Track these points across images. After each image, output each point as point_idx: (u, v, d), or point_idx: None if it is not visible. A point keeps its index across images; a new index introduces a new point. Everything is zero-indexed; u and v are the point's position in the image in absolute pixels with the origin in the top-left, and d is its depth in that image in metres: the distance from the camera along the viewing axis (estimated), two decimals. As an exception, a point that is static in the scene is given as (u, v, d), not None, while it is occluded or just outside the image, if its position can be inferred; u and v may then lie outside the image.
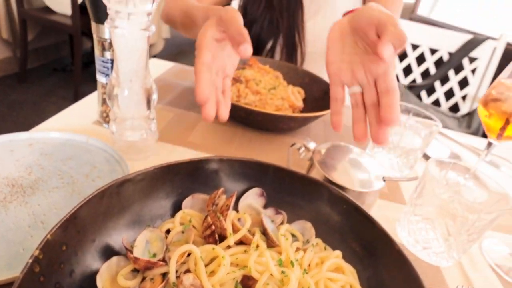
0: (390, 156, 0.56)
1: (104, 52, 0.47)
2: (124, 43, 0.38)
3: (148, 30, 0.38)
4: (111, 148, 0.45)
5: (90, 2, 0.43)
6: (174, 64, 0.82)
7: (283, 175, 0.39)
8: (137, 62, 0.40)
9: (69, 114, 0.55)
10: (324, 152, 0.47)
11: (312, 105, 0.68)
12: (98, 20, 0.44)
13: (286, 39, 0.81)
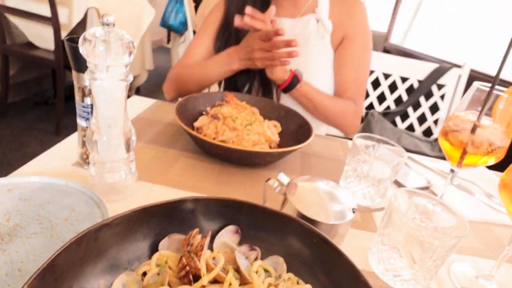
0: (362, 186, 0.59)
1: (85, 98, 0.49)
2: (103, 93, 0.40)
3: (126, 80, 0.41)
4: (91, 190, 0.46)
5: (71, 53, 0.46)
6: (155, 101, 0.85)
7: (256, 212, 0.41)
8: (115, 110, 0.42)
9: (49, 156, 0.56)
10: (297, 186, 0.49)
11: (288, 138, 0.71)
12: (79, 70, 0.47)
13: (261, 80, 0.86)
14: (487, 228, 0.62)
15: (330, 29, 0.87)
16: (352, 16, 0.88)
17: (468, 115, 0.53)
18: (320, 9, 0.87)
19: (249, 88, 0.88)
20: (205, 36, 0.91)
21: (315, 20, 0.88)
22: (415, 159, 0.83)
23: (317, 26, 0.88)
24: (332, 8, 0.88)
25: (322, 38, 0.88)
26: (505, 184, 0.42)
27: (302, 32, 0.88)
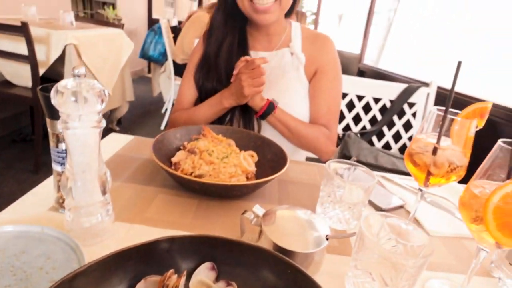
0: (337, 210, 0.61)
1: (59, 143, 0.50)
2: (76, 140, 0.42)
3: (99, 126, 0.42)
4: (67, 235, 0.46)
5: (44, 102, 0.47)
6: (133, 138, 0.86)
7: (232, 247, 0.42)
8: (89, 155, 0.43)
9: (24, 203, 0.56)
10: (273, 216, 0.51)
11: (265, 167, 0.73)
12: (52, 117, 0.48)
13: (242, 111, 0.91)
14: (460, 243, 0.64)
15: (303, 61, 0.94)
16: (324, 52, 0.95)
17: (428, 137, 0.57)
18: (294, 43, 0.94)
19: (230, 117, 0.93)
20: (192, 79, 0.97)
21: (289, 53, 0.95)
22: (389, 178, 0.86)
23: (291, 59, 0.95)
24: (304, 43, 0.96)
25: (297, 69, 0.94)
26: (463, 203, 0.45)
27: (278, 64, 0.94)
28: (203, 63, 0.95)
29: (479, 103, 0.54)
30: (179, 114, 0.96)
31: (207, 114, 0.91)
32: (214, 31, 0.92)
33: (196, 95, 0.98)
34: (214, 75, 0.92)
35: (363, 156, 1.25)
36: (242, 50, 0.91)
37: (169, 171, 0.59)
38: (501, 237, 0.41)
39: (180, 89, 1.00)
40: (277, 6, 0.84)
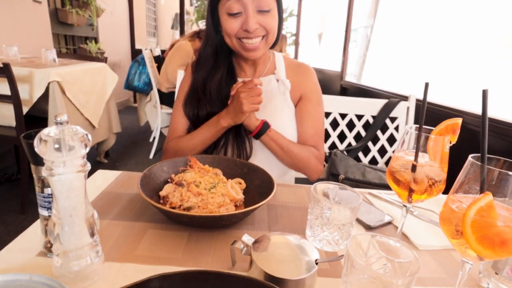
0: (325, 233, 0.62)
1: (45, 188, 0.50)
2: (61, 185, 0.42)
3: (84, 170, 0.43)
4: (56, 281, 0.46)
5: (28, 149, 0.48)
6: (120, 173, 0.86)
7: (223, 280, 0.42)
8: (75, 199, 0.44)
9: (12, 249, 0.55)
10: (263, 244, 0.51)
11: (254, 193, 0.74)
12: (36, 163, 0.48)
13: (235, 136, 0.95)
14: (449, 255, 0.65)
15: (289, 86, 1.00)
16: (307, 80, 1.04)
17: (407, 155, 0.59)
18: (278, 71, 1.01)
19: (225, 141, 0.96)
20: (182, 109, 1.01)
21: (275, 79, 1.01)
22: (376, 194, 0.88)
23: (277, 85, 1.01)
24: (287, 71, 1.03)
25: (283, 94, 1.00)
26: (443, 218, 0.47)
27: (265, 89, 0.99)
28: (192, 94, 0.98)
29: (449, 120, 0.57)
30: (176, 141, 0.98)
31: (206, 136, 0.93)
32: (202, 65, 0.96)
33: (188, 123, 1.01)
34: (205, 104, 0.96)
35: (350, 173, 1.27)
36: (231, 79, 0.96)
37: (157, 206, 0.60)
38: (481, 249, 0.43)
39: (173, 118, 1.02)
40: (264, 43, 0.89)
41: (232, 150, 0.96)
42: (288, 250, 0.51)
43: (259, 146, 0.97)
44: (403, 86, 5.53)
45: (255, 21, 0.84)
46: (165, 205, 0.66)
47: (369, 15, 8.64)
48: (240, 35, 0.87)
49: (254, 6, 0.84)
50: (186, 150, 0.94)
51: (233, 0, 0.83)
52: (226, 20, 0.87)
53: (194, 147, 0.94)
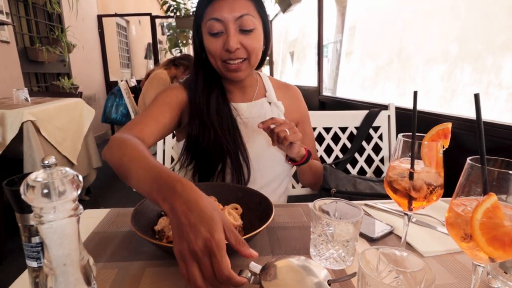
0: (331, 250, 0.60)
1: (32, 237, 0.47)
2: (53, 233, 0.39)
3: (76, 214, 0.40)
4: None
5: (12, 196, 0.44)
6: (108, 211, 0.82)
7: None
8: (69, 246, 0.40)
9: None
10: (271, 271, 0.49)
11: (251, 217, 0.72)
12: (22, 211, 0.45)
13: (232, 160, 0.91)
14: (454, 259, 0.65)
15: (283, 109, 1.01)
16: (299, 103, 1.08)
17: (402, 163, 0.59)
18: (269, 93, 1.01)
19: (222, 167, 0.92)
20: (162, 113, 0.88)
21: (267, 102, 1.00)
22: (372, 205, 0.88)
23: (270, 107, 1.00)
24: (277, 93, 1.03)
25: (279, 116, 1.00)
26: (450, 223, 0.46)
27: (258, 113, 0.97)
28: (195, 114, 0.91)
29: (439, 125, 0.58)
30: (137, 142, 0.70)
31: (141, 180, 0.57)
32: (197, 87, 0.92)
33: (158, 135, 0.87)
34: (209, 127, 0.90)
35: (342, 186, 1.27)
36: (224, 103, 0.93)
37: (154, 242, 0.57)
38: (493, 251, 0.42)
39: (143, 117, 0.85)
40: (247, 64, 0.87)
41: (230, 176, 0.92)
42: (298, 274, 0.49)
43: (257, 170, 0.96)
44: (378, 95, 5.69)
45: (236, 40, 0.82)
46: (162, 240, 0.63)
47: (337, 31, 8.97)
48: (224, 57, 0.85)
49: (236, 26, 0.82)
50: (124, 165, 0.64)
51: (213, 20, 0.82)
52: (208, 40, 0.85)
53: (126, 175, 0.63)
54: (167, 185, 0.51)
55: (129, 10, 7.31)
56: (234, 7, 0.81)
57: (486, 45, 4.29)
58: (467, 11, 4.53)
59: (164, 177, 0.53)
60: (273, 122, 0.83)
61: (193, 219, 0.46)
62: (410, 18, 5.68)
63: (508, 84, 4.02)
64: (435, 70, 5.16)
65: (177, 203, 0.48)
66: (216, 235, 0.45)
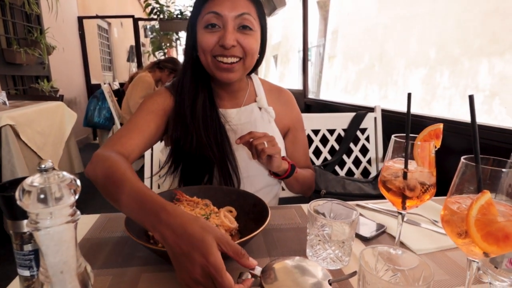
0: (328, 251, 0.61)
1: (24, 245, 0.45)
2: (50, 240, 0.38)
3: (74, 220, 0.39)
4: None
5: (3, 202, 0.43)
6: (99, 216, 0.80)
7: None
8: (66, 253, 0.39)
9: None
10: (272, 273, 0.49)
11: (246, 219, 0.72)
12: (14, 218, 0.43)
13: (220, 170, 0.87)
14: (445, 256, 0.67)
15: (273, 114, 0.98)
16: (291, 109, 1.04)
17: (396, 163, 0.60)
18: (260, 98, 0.97)
19: (209, 177, 0.89)
20: (147, 122, 0.85)
21: (257, 108, 0.96)
22: (363, 205, 0.89)
23: (260, 113, 0.96)
24: (268, 97, 0.99)
25: (269, 122, 0.97)
26: (446, 220, 0.48)
27: (248, 119, 0.94)
28: (178, 119, 0.87)
29: (431, 126, 0.59)
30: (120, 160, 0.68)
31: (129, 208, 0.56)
32: (184, 90, 0.88)
33: (144, 147, 0.84)
34: (192, 132, 0.86)
35: (331, 187, 1.28)
36: (212, 108, 0.89)
37: (150, 247, 0.56)
38: (487, 246, 0.44)
39: (126, 130, 0.81)
40: (241, 65, 0.83)
41: (218, 185, 0.89)
42: (299, 275, 0.49)
43: (246, 177, 0.93)
44: (360, 98, 5.78)
45: (233, 37, 0.79)
46: (157, 244, 0.62)
47: (319, 35, 9.10)
48: (216, 52, 0.80)
49: (235, 23, 0.80)
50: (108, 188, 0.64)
51: (212, 14, 0.79)
52: (203, 34, 0.81)
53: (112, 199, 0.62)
54: (153, 213, 0.51)
55: (111, 12, 7.18)
56: (236, 5, 0.79)
57: (463, 49, 4.45)
58: (444, 17, 4.70)
59: (149, 203, 0.53)
60: (251, 137, 0.80)
61: (185, 247, 0.46)
62: (391, 23, 5.83)
63: (484, 87, 4.17)
64: (416, 73, 5.31)
65: (166, 233, 0.48)
66: (211, 258, 0.45)
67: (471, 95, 0.42)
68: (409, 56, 5.43)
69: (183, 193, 0.74)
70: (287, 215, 0.82)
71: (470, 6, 4.29)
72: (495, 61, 3.98)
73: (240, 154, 0.92)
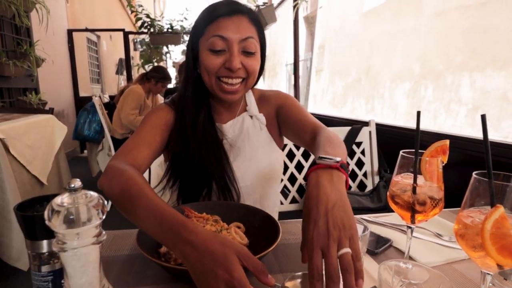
0: (341, 266, 0.61)
1: (42, 266, 0.44)
2: (77, 260, 0.37)
3: (99, 241, 0.39)
4: None
5: (24, 222, 0.42)
6: (104, 233, 0.78)
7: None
8: (91, 273, 0.39)
9: None
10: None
11: (256, 235, 0.72)
12: (34, 238, 0.43)
13: (219, 183, 0.88)
14: (452, 268, 0.68)
15: (264, 121, 0.98)
16: (275, 101, 0.99)
17: (404, 179, 0.62)
18: (250, 107, 0.98)
19: (208, 191, 0.89)
20: (153, 136, 0.86)
21: (248, 116, 0.98)
22: (366, 219, 0.90)
23: (252, 121, 0.97)
24: (259, 105, 1.00)
25: (260, 129, 0.98)
26: (460, 234, 0.49)
27: (241, 129, 0.96)
28: (180, 134, 0.88)
29: (438, 142, 0.62)
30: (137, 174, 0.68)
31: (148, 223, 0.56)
32: (185, 106, 0.89)
33: (151, 159, 0.85)
34: (193, 148, 0.87)
35: (330, 200, 1.29)
36: (210, 123, 0.90)
37: (164, 265, 0.55)
38: (502, 259, 0.45)
39: (134, 141, 0.83)
40: (243, 86, 0.86)
41: (217, 199, 0.90)
42: None
43: (246, 191, 0.93)
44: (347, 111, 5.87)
45: (239, 60, 0.81)
46: (170, 262, 0.61)
47: (306, 49, 9.26)
48: (221, 74, 0.83)
49: (240, 46, 0.82)
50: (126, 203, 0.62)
51: (217, 37, 0.80)
52: (208, 56, 0.82)
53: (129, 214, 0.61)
54: (173, 230, 0.51)
55: (100, 25, 7.16)
56: (240, 28, 0.81)
57: (446, 64, 4.61)
58: (427, 33, 4.88)
59: (169, 220, 0.53)
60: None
61: (208, 264, 0.46)
62: (376, 39, 6.01)
63: (467, 101, 4.32)
64: (401, 87, 5.46)
65: (187, 251, 0.48)
66: (235, 273, 0.45)
67: (483, 114, 0.44)
68: (394, 70, 5.59)
69: (191, 210, 0.73)
70: (292, 230, 0.83)
71: (450, 24, 4.47)
72: (477, 76, 4.14)
73: (237, 166, 0.93)
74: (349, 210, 0.51)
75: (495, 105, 3.76)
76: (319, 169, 0.57)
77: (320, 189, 0.53)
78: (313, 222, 0.50)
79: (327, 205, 0.51)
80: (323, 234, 0.48)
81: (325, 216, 0.49)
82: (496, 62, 3.83)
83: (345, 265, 0.45)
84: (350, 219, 0.50)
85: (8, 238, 1.82)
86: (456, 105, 4.48)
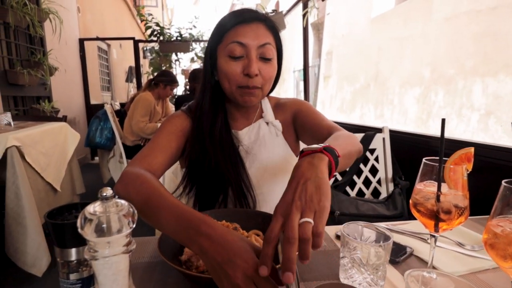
0: (365, 275, 0.60)
1: (71, 274, 0.44)
2: (108, 269, 0.37)
3: (129, 250, 0.39)
4: None
5: (55, 230, 0.42)
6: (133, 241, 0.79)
7: None
8: (122, 282, 0.39)
9: None
10: (314, 299, 0.49)
11: (275, 243, 0.71)
12: (64, 246, 0.43)
13: (235, 190, 0.88)
14: (476, 278, 0.67)
15: (280, 127, 0.98)
16: (291, 108, 1.00)
17: (427, 186, 0.61)
18: (266, 114, 0.99)
19: (223, 197, 0.89)
20: (169, 142, 0.87)
21: (264, 123, 0.99)
22: (384, 227, 0.89)
23: (268, 128, 0.98)
24: (275, 112, 1.01)
25: (276, 135, 0.99)
26: (489, 244, 0.48)
27: (257, 135, 0.97)
28: (197, 140, 0.89)
29: (462, 150, 0.61)
30: (152, 178, 0.70)
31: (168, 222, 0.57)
32: (203, 112, 0.90)
33: (167, 165, 0.87)
34: (211, 155, 0.88)
35: (345, 208, 1.28)
36: (227, 132, 0.92)
37: (186, 272, 0.55)
38: (535, 270, 0.44)
39: (151, 148, 0.84)
40: (260, 91, 0.87)
41: (233, 206, 0.90)
42: (345, 302, 0.48)
43: (262, 198, 0.93)
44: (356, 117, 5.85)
45: (257, 66, 0.82)
46: (191, 270, 0.61)
47: (314, 56, 9.28)
48: (241, 83, 0.84)
49: (258, 52, 0.83)
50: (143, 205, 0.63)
51: (236, 44, 0.82)
52: (227, 62, 0.84)
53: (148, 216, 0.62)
54: (192, 227, 0.53)
55: (110, 34, 7.29)
56: (258, 35, 0.83)
57: (457, 70, 4.57)
58: (436, 38, 4.85)
59: (188, 217, 0.55)
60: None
61: (227, 256, 0.47)
62: (384, 45, 6.00)
63: (479, 106, 4.26)
64: (410, 93, 5.42)
65: (206, 244, 0.49)
66: (252, 261, 0.46)
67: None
68: (403, 76, 5.56)
69: (210, 217, 0.73)
70: (311, 238, 0.82)
71: (460, 29, 4.44)
72: (489, 81, 4.09)
73: (252, 173, 0.94)
74: (324, 188, 0.49)
75: (508, 110, 3.70)
76: (304, 156, 0.58)
77: (298, 170, 0.54)
78: (282, 196, 0.51)
79: (299, 180, 0.51)
80: (287, 202, 0.48)
81: (295, 189, 0.50)
82: (508, 67, 3.78)
83: (302, 234, 0.44)
84: (321, 195, 0.48)
85: (23, 244, 1.84)
86: (468, 110, 4.43)
